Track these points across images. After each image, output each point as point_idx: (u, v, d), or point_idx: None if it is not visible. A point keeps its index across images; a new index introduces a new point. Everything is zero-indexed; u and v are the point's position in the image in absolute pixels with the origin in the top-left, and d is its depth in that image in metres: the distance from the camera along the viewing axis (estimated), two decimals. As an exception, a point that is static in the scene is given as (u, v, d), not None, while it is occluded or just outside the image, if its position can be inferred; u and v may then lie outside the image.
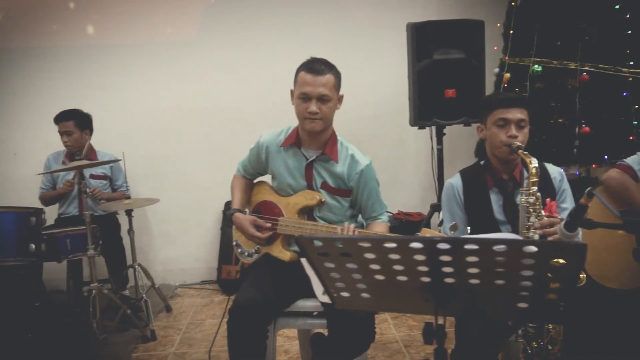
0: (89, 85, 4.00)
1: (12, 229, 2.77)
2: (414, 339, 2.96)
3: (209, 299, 3.82)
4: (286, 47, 4.00)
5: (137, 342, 3.04)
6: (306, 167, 2.05)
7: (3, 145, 4.03)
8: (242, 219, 2.09)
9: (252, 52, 4.08)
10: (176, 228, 4.18)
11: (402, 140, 4.21)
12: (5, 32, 3.98)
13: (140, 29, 4.04)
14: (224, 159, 4.04)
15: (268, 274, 2.03)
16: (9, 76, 4.00)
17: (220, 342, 2.52)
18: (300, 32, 4.05)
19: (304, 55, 2.05)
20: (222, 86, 4.09)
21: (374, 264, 1.07)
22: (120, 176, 3.72)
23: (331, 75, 1.97)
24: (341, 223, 2.08)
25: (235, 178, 2.29)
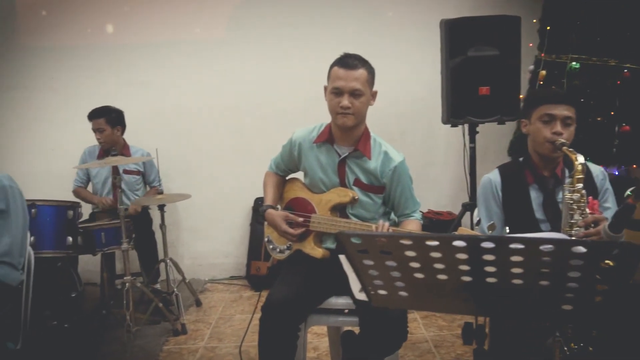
0: (124, 83, 4.07)
1: (50, 222, 2.84)
2: (444, 339, 2.92)
3: (238, 295, 3.85)
4: (317, 45, 4.00)
5: (168, 335, 3.08)
6: (339, 164, 2.04)
7: (41, 141, 4.13)
8: (275, 215, 2.10)
9: (283, 49, 4.09)
10: (206, 223, 4.22)
11: (433, 138, 4.16)
12: (43, 31, 4.08)
13: (173, 27, 4.08)
14: (254, 155, 4.08)
15: (300, 271, 2.04)
16: (47, 74, 4.09)
17: (249, 338, 2.55)
18: (331, 30, 4.04)
19: (335, 53, 2.04)
20: (253, 83, 4.11)
21: (414, 262, 1.05)
22: (152, 172, 3.78)
23: (364, 70, 1.95)
24: (374, 220, 2.07)
25: (267, 175, 2.29)
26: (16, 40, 4.07)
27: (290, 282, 1.98)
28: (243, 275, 4.17)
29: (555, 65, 3.22)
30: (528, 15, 3.42)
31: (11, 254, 1.68)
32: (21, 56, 4.08)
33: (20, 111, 4.13)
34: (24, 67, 4.09)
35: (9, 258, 1.67)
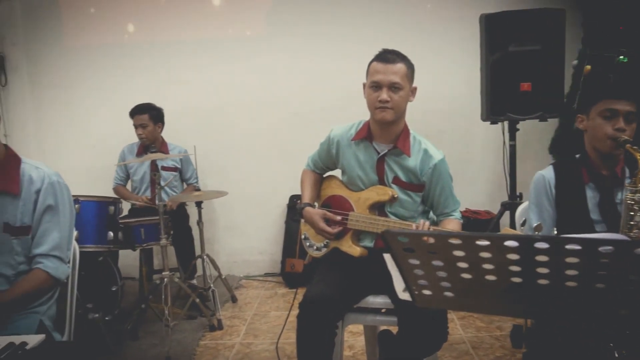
0: (163, 81, 4.14)
1: (92, 217, 2.91)
2: (482, 341, 2.86)
3: (273, 291, 3.87)
4: (354, 42, 3.97)
5: (204, 331, 3.12)
6: (377, 161, 2.02)
7: (83, 138, 4.25)
8: (312, 213, 2.09)
9: (319, 46, 4.08)
10: (242, 220, 4.26)
11: (471, 135, 4.08)
12: (85, 31, 4.18)
13: (211, 25, 4.13)
14: (289, 153, 4.09)
15: (338, 269, 2.02)
16: (89, 73, 4.20)
17: (284, 335, 2.56)
18: (369, 27, 4.01)
19: (372, 49, 2.02)
20: (290, 81, 4.12)
21: (461, 262, 1.02)
22: (189, 169, 3.84)
23: (403, 64, 1.92)
24: (413, 219, 2.04)
25: (304, 172, 2.29)
26: (61, 41, 4.19)
27: (328, 280, 1.97)
28: (278, 273, 4.19)
29: (600, 60, 3.10)
30: (570, 7, 3.31)
31: (60, 248, 1.72)
32: (65, 56, 4.20)
33: (64, 109, 4.25)
34: (67, 66, 4.21)
35: (59, 252, 1.72)
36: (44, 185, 1.71)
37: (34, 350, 1.20)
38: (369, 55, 2.01)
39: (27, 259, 1.71)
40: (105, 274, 3.13)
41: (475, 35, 3.27)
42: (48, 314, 1.73)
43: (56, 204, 1.72)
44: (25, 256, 1.71)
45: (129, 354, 2.83)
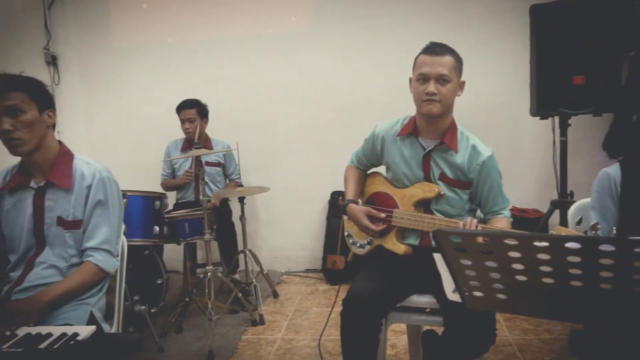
0: (206, 78, 4.19)
1: (139, 212, 2.98)
2: (529, 344, 2.76)
3: (314, 287, 3.87)
4: (398, 36, 3.91)
5: (246, 325, 3.15)
6: (423, 158, 1.97)
7: (129, 134, 4.36)
8: (356, 210, 2.06)
9: (363, 41, 4.03)
10: (283, 216, 4.27)
11: (518, 131, 3.95)
12: (131, 30, 4.29)
13: (254, 22, 4.15)
14: (332, 149, 4.07)
15: (382, 266, 1.99)
16: (135, 70, 4.31)
17: (325, 332, 2.54)
18: (413, 21, 3.93)
19: (417, 44, 1.97)
20: (333, 76, 4.09)
21: (517, 263, 0.97)
22: (232, 164, 3.88)
23: (451, 57, 1.87)
24: (459, 217, 1.98)
25: (348, 169, 2.26)
26: (109, 41, 4.31)
27: (372, 278, 1.94)
28: (319, 269, 4.19)
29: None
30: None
31: (109, 242, 1.77)
32: (113, 55, 4.31)
33: (112, 107, 4.38)
34: (115, 65, 4.32)
35: (108, 246, 1.76)
36: (94, 180, 1.76)
37: (85, 341, 1.22)
38: (414, 49, 1.96)
39: (79, 252, 1.76)
40: (151, 267, 3.20)
41: (524, 27, 3.15)
42: (98, 305, 1.78)
43: (106, 199, 1.77)
44: (77, 249, 1.76)
45: (173, 347, 2.88)
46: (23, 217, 1.75)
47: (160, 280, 3.20)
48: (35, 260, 1.74)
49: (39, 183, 1.75)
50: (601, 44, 2.89)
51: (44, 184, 1.75)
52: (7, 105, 1.61)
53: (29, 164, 1.76)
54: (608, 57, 2.90)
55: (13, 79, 1.66)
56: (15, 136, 1.63)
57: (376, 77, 4.00)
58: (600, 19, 2.89)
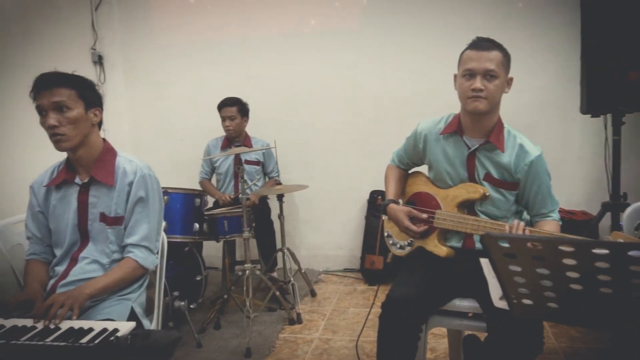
0: (246, 75, 4.21)
1: (180, 209, 3.02)
2: (576, 352, 2.64)
3: (352, 287, 3.83)
4: (442, 32, 3.82)
5: (284, 324, 3.14)
6: (468, 157, 1.90)
7: (171, 132, 4.43)
8: (397, 210, 2.01)
9: (403, 38, 3.95)
10: (322, 215, 4.25)
11: (567, 129, 3.78)
12: (173, 29, 4.35)
13: (294, 20, 4.13)
14: (371, 148, 4.02)
15: (422, 269, 1.93)
16: (176, 69, 4.37)
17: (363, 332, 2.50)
18: (456, 17, 3.82)
19: (460, 39, 1.91)
20: (374, 74, 4.03)
21: (572, 271, 0.91)
22: (271, 162, 3.89)
23: (498, 52, 1.79)
24: (505, 219, 1.90)
25: (389, 168, 2.21)
26: (153, 39, 4.39)
27: (412, 281, 1.89)
28: (357, 268, 4.15)
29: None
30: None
31: (149, 238, 1.79)
32: (156, 54, 4.39)
33: (155, 105, 4.46)
34: (158, 64, 4.40)
35: (147, 242, 1.78)
36: (136, 177, 1.78)
37: (124, 337, 1.23)
38: (457, 45, 1.90)
39: (120, 248, 1.79)
40: (190, 263, 3.24)
41: (574, 19, 3.01)
42: (139, 301, 1.80)
43: (147, 196, 1.79)
44: (118, 245, 1.78)
45: (211, 343, 2.91)
46: (68, 213, 1.79)
47: (199, 277, 3.23)
48: (79, 255, 1.77)
49: (83, 179, 1.79)
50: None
51: (87, 181, 1.78)
52: (54, 102, 1.65)
53: (73, 161, 1.80)
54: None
55: (62, 77, 1.70)
56: (59, 132, 1.66)
57: (417, 74, 3.91)
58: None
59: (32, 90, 1.68)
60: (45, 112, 1.66)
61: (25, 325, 1.38)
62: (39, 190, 1.84)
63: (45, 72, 1.70)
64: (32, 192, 1.86)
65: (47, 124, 1.66)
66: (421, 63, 3.89)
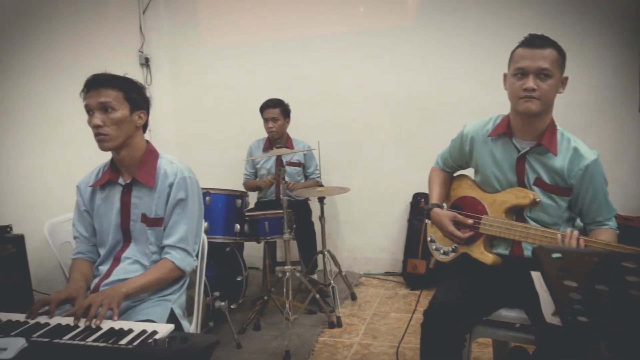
0: (288, 77, 4.19)
1: (221, 209, 3.03)
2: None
3: (393, 292, 3.75)
4: (488, 30, 3.68)
5: (323, 327, 3.11)
6: (517, 160, 1.81)
7: (214, 133, 4.48)
8: (441, 215, 1.94)
9: (448, 36, 3.83)
10: (363, 217, 4.19)
11: (623, 130, 3.56)
12: (218, 31, 4.40)
13: (337, 20, 4.09)
14: (415, 150, 3.93)
15: (467, 276, 1.86)
16: (221, 70, 4.41)
17: (404, 339, 2.44)
18: (505, 11, 3.67)
19: (509, 37, 1.82)
20: (416, 75, 3.92)
21: (636, 289, 0.83)
22: (312, 164, 3.87)
23: (553, 50, 1.69)
24: (556, 226, 1.80)
25: (433, 171, 2.14)
26: (198, 41, 4.45)
27: (456, 288, 1.82)
28: (398, 272, 4.07)
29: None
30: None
31: (186, 240, 1.79)
32: (201, 56, 4.45)
33: (200, 106, 4.52)
34: (202, 65, 4.46)
35: (184, 244, 1.78)
36: (176, 179, 1.79)
37: (163, 340, 1.22)
38: (506, 44, 1.82)
39: (159, 248, 1.80)
40: (231, 264, 3.25)
41: (632, 15, 2.83)
42: (178, 302, 1.80)
43: (186, 198, 1.79)
44: (158, 246, 1.80)
45: (251, 344, 2.91)
46: (111, 213, 1.81)
47: (240, 277, 3.24)
48: (122, 255, 1.80)
49: (126, 180, 1.81)
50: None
51: (130, 181, 1.80)
52: (100, 102, 1.68)
53: (117, 161, 1.82)
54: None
55: (110, 78, 1.73)
56: (103, 131, 1.69)
57: (464, 74, 3.78)
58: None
59: (82, 90, 1.72)
60: (92, 111, 1.70)
61: (68, 324, 1.40)
62: (85, 190, 1.88)
63: (96, 73, 1.74)
64: (78, 192, 1.90)
65: (92, 123, 1.69)
66: (468, 62, 3.76)
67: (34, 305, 1.47)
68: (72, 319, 1.41)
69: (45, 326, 1.38)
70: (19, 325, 1.38)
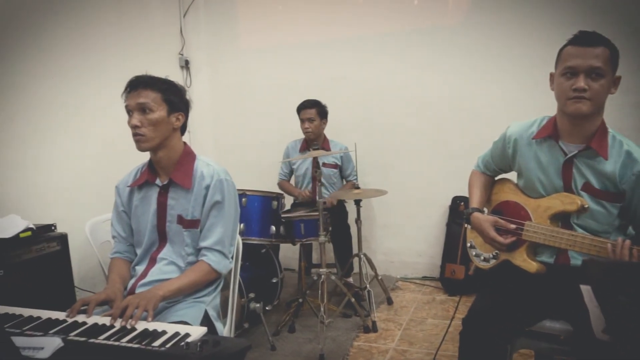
0: (325, 78, 4.17)
1: (257, 211, 3.03)
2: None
3: (431, 297, 3.67)
4: (532, 28, 3.54)
5: (359, 331, 3.06)
6: (564, 164, 1.72)
7: (253, 136, 4.50)
8: (482, 220, 1.87)
9: (489, 36, 3.71)
10: (400, 220, 4.12)
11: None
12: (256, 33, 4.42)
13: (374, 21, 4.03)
14: (454, 152, 3.84)
15: (509, 284, 1.79)
16: (258, 72, 4.42)
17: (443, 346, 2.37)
18: (551, 12, 3.52)
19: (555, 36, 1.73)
20: (456, 76, 3.81)
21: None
22: (349, 166, 3.83)
23: (605, 48, 1.60)
24: (606, 235, 1.70)
25: (473, 174, 2.07)
26: (237, 44, 4.49)
27: (497, 297, 1.75)
28: (436, 277, 3.98)
29: None
30: None
31: (222, 242, 1.79)
32: (240, 58, 4.48)
33: (237, 108, 4.56)
34: (240, 67, 4.49)
35: (220, 247, 1.78)
36: (213, 181, 1.79)
37: (195, 343, 1.21)
38: (552, 42, 1.73)
39: (195, 251, 1.80)
40: (267, 266, 3.25)
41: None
42: (212, 304, 1.80)
43: (222, 200, 1.79)
44: (194, 248, 1.80)
45: (285, 346, 2.89)
46: (148, 213, 1.83)
47: (275, 279, 3.24)
48: (158, 256, 1.81)
49: (163, 181, 1.83)
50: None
51: (167, 183, 1.82)
52: (139, 103, 1.71)
53: (155, 162, 1.84)
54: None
55: (150, 80, 1.75)
56: (140, 132, 1.71)
57: (507, 74, 3.65)
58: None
59: (124, 91, 1.75)
60: (131, 112, 1.73)
61: (105, 324, 1.41)
62: (123, 191, 1.91)
63: (138, 75, 1.76)
64: (117, 192, 1.93)
65: (131, 123, 1.71)
66: (511, 62, 3.62)
67: (74, 305, 1.49)
68: (108, 319, 1.43)
69: (83, 325, 1.40)
70: (57, 324, 1.41)
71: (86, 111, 3.38)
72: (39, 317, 1.45)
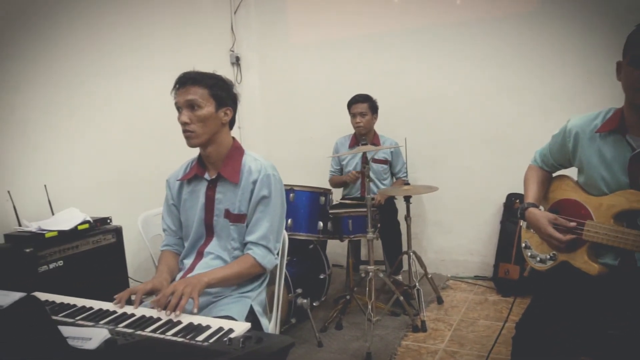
0: (376, 72, 4.10)
1: (305, 207, 3.01)
2: None
3: (483, 297, 3.55)
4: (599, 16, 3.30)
5: (407, 330, 3.00)
6: (631, 160, 1.59)
7: (301, 130, 4.50)
8: (539, 216, 1.76)
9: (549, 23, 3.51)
10: (452, 217, 4.00)
11: None
12: (305, 29, 4.40)
13: (425, 14, 3.91)
14: (510, 147, 3.69)
15: (567, 288, 1.68)
16: (307, 68, 4.42)
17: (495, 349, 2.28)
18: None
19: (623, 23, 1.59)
20: (512, 67, 3.65)
21: None
22: (399, 162, 3.76)
23: None
24: (678, 236, 1.57)
25: (530, 169, 1.96)
26: (286, 40, 4.49)
27: (554, 302, 1.65)
28: (489, 277, 3.84)
29: None
30: None
31: (268, 238, 1.78)
32: (289, 54, 4.49)
33: (287, 103, 4.57)
34: (290, 63, 4.50)
35: (266, 241, 1.78)
36: (260, 176, 1.78)
37: (238, 339, 1.21)
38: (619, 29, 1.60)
39: (241, 245, 1.81)
40: (314, 261, 3.24)
41: None
42: (258, 299, 1.80)
43: (269, 195, 1.78)
44: (240, 242, 1.80)
45: (332, 343, 2.87)
46: (196, 207, 1.85)
47: (323, 275, 3.22)
48: (205, 250, 1.83)
49: (211, 176, 1.84)
50: None
51: (215, 177, 1.83)
52: (187, 99, 1.72)
53: (204, 157, 1.86)
54: None
55: (196, 76, 1.76)
56: (190, 128, 1.73)
57: (567, 64, 3.45)
58: None
59: (173, 88, 1.77)
60: (180, 109, 1.74)
61: (152, 316, 1.43)
62: (174, 184, 1.94)
63: (186, 71, 1.78)
64: (167, 186, 1.97)
65: (180, 120, 1.73)
66: (574, 51, 3.42)
67: (122, 294, 1.52)
68: (156, 311, 1.44)
69: (131, 317, 1.42)
70: (107, 315, 1.44)
71: (141, 108, 3.46)
72: (91, 307, 1.49)
